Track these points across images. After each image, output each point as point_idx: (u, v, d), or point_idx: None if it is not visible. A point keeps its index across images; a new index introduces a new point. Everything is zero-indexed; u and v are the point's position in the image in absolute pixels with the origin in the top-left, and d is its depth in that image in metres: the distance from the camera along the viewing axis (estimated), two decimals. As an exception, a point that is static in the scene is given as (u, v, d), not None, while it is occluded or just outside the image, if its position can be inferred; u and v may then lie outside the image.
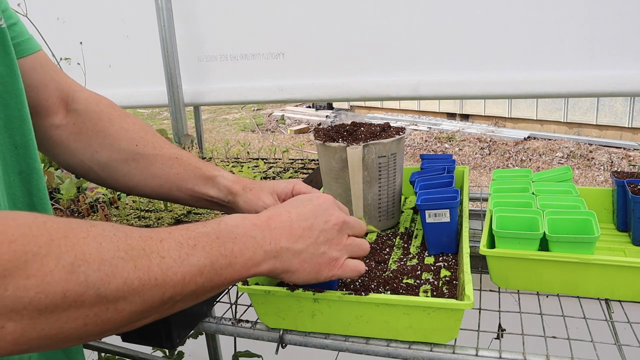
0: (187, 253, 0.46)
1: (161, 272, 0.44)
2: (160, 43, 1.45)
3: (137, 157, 0.75)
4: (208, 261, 0.48)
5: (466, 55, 1.28)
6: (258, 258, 0.53)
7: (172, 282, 0.45)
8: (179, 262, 0.45)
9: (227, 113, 10.51)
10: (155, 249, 0.44)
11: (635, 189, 0.89)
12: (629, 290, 0.75)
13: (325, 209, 0.60)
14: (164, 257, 0.45)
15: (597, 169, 5.88)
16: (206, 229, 0.50)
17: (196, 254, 0.47)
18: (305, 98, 1.49)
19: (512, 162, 6.35)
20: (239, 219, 0.54)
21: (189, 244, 0.47)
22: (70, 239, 0.39)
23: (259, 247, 0.53)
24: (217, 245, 0.49)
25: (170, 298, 0.45)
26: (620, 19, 1.12)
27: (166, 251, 0.45)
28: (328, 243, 0.59)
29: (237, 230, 0.52)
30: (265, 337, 0.75)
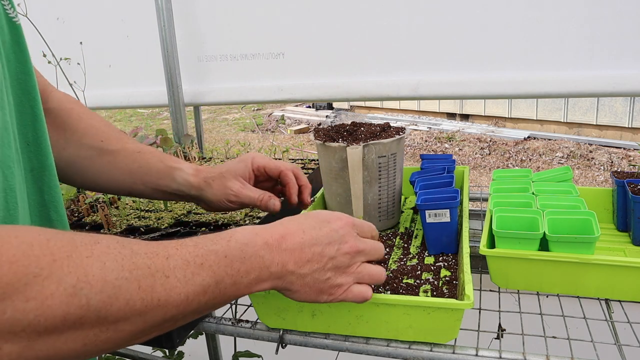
0: (193, 272, 0.45)
1: (165, 293, 0.43)
2: (160, 43, 1.45)
3: (102, 152, 0.77)
4: (213, 281, 0.47)
5: (466, 55, 1.28)
6: (263, 278, 0.52)
7: (175, 302, 0.44)
8: (184, 281, 0.44)
9: (227, 113, 10.51)
10: (161, 268, 0.43)
11: (635, 189, 0.89)
12: (629, 290, 0.75)
13: (342, 236, 0.58)
14: (169, 276, 0.44)
15: (597, 169, 5.88)
16: (216, 246, 0.49)
17: (202, 274, 0.46)
18: (305, 98, 1.49)
19: (512, 162, 6.35)
20: (251, 235, 0.53)
21: (195, 262, 0.46)
22: (74, 259, 0.38)
23: (265, 268, 0.52)
24: (225, 265, 0.48)
25: (172, 317, 0.45)
26: (620, 19, 1.12)
27: (171, 270, 0.44)
28: (335, 270, 0.57)
29: (246, 249, 0.51)
30: (265, 337, 0.75)
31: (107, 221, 0.96)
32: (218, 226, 0.95)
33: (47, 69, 1.55)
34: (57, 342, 0.37)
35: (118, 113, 10.36)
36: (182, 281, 0.44)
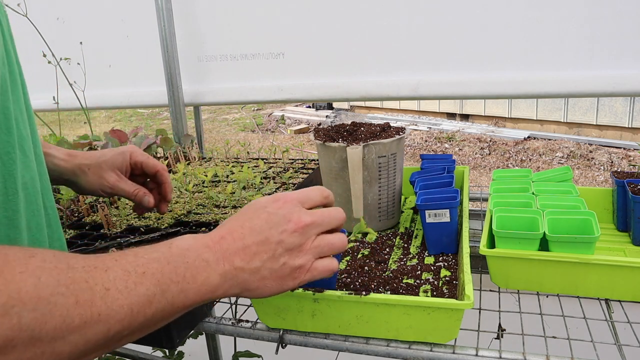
0: (135, 282, 0.43)
1: (106, 306, 0.40)
2: (160, 43, 1.45)
3: None
4: (158, 290, 0.44)
5: (466, 55, 1.28)
6: (213, 283, 0.49)
7: (118, 316, 0.41)
8: (126, 293, 0.42)
9: (227, 113, 10.51)
10: (100, 280, 0.41)
11: (635, 189, 0.89)
12: (629, 290, 0.75)
13: (283, 216, 0.54)
14: (109, 288, 0.41)
15: (597, 169, 5.88)
16: (156, 254, 0.47)
17: (145, 283, 0.43)
18: (305, 98, 1.49)
19: (512, 162, 6.34)
20: (191, 240, 0.51)
21: (137, 272, 0.43)
22: (5, 275, 0.36)
23: (212, 271, 0.49)
24: (169, 272, 0.46)
25: (117, 333, 0.42)
26: (620, 19, 1.12)
27: (111, 282, 0.41)
28: (288, 253, 0.53)
29: (188, 254, 0.48)
30: (265, 337, 0.75)
31: (107, 221, 0.96)
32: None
33: (47, 69, 1.55)
34: None
35: (118, 113, 10.36)
36: (124, 292, 0.42)
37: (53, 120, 2.17)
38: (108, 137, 1.45)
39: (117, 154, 0.82)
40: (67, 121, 8.66)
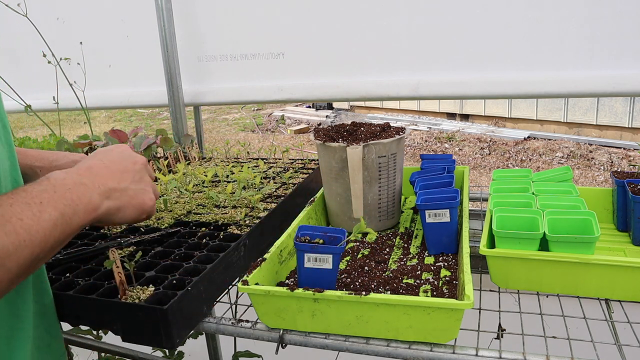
0: (39, 210, 0.50)
1: (27, 234, 0.48)
2: (160, 43, 1.45)
3: None
4: (58, 213, 0.52)
5: (466, 55, 1.28)
6: (95, 202, 0.59)
7: (36, 240, 0.49)
8: (35, 220, 0.49)
9: (227, 113, 10.51)
10: (13, 214, 0.47)
11: (635, 189, 0.89)
12: (629, 290, 0.75)
13: (129, 154, 0.69)
14: (22, 219, 0.48)
15: (597, 169, 5.88)
16: (41, 187, 0.53)
17: (47, 210, 0.51)
18: (305, 98, 1.49)
19: (512, 162, 6.34)
20: (63, 173, 0.58)
21: (35, 202, 0.50)
22: None
23: (93, 192, 0.59)
24: (59, 197, 0.54)
25: (37, 255, 0.49)
26: (620, 19, 1.12)
27: (21, 213, 0.48)
28: (142, 181, 0.68)
29: (67, 182, 0.56)
30: (265, 337, 0.75)
31: (107, 221, 0.96)
32: (218, 226, 0.95)
33: (47, 69, 1.55)
34: None
35: (118, 113, 10.36)
36: (34, 220, 0.49)
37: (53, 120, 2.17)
38: (108, 137, 1.45)
39: (70, 161, 0.83)
40: (67, 121, 8.65)
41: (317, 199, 1.06)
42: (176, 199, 1.13)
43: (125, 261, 0.72)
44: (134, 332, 0.71)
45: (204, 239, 0.88)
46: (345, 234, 0.73)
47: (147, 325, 0.68)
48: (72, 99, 1.57)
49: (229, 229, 0.92)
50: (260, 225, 0.94)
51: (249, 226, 0.92)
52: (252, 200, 1.03)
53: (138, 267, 0.78)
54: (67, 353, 0.74)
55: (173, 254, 0.83)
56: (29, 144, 1.44)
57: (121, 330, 0.71)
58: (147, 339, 0.70)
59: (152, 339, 0.70)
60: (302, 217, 0.96)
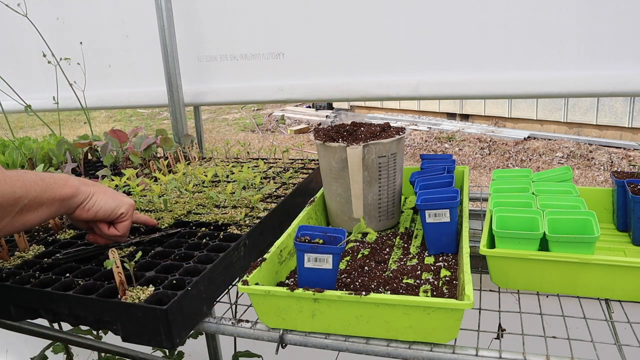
0: (24, 172, 0.71)
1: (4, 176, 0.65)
2: (160, 43, 1.45)
3: None
4: (39, 178, 0.71)
5: (466, 55, 1.28)
6: (72, 181, 0.77)
7: (17, 183, 0.67)
8: (20, 174, 0.69)
9: (227, 113, 10.51)
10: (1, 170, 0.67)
11: (635, 189, 0.89)
12: (629, 290, 0.75)
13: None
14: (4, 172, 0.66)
15: (597, 169, 5.88)
16: (31, 173, 0.73)
17: (30, 174, 0.71)
18: (305, 98, 1.49)
19: (512, 162, 6.34)
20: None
21: (21, 171, 0.71)
22: None
23: (71, 178, 0.78)
24: (41, 175, 0.73)
25: (20, 197, 0.67)
26: (620, 19, 1.12)
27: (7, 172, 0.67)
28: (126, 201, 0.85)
29: (50, 174, 0.75)
30: (265, 337, 0.75)
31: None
32: (218, 226, 0.95)
33: (47, 69, 1.55)
34: None
35: (118, 113, 10.35)
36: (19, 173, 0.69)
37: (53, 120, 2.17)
38: (108, 137, 1.45)
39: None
40: (67, 121, 8.65)
41: (317, 199, 1.06)
42: (176, 199, 1.13)
43: (125, 261, 0.72)
44: (134, 332, 0.71)
45: (204, 239, 0.88)
46: (345, 234, 0.73)
47: (147, 325, 0.68)
48: (72, 99, 1.57)
49: (229, 229, 0.92)
50: (260, 225, 0.94)
51: (249, 226, 0.92)
52: (252, 200, 1.03)
53: (138, 267, 0.78)
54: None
55: (173, 254, 0.83)
56: (29, 144, 1.44)
57: (121, 330, 0.71)
58: (147, 339, 0.70)
59: (152, 339, 0.70)
60: (302, 217, 0.96)
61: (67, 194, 0.75)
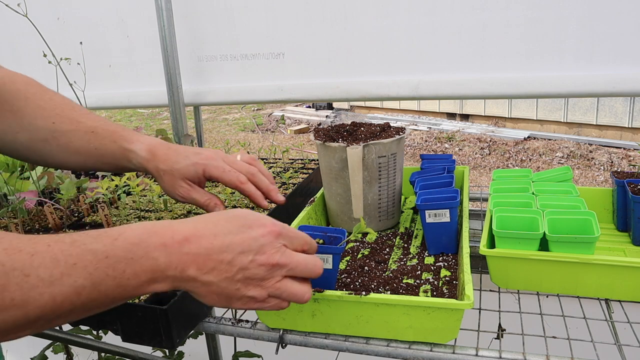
0: (62, 272, 0.41)
1: (21, 292, 0.39)
2: (160, 43, 1.45)
3: (56, 134, 0.74)
4: (88, 282, 0.43)
5: (466, 55, 1.28)
6: (158, 280, 0.47)
7: (37, 303, 0.40)
8: (49, 282, 0.41)
9: (227, 113, 10.51)
10: (20, 265, 0.40)
11: (635, 189, 0.89)
12: (629, 290, 0.75)
13: (261, 245, 0.52)
14: (29, 275, 0.40)
15: (597, 169, 5.88)
16: (96, 245, 0.44)
17: (73, 275, 0.42)
18: (305, 98, 1.49)
19: (512, 162, 6.34)
20: (145, 234, 0.48)
21: (67, 262, 0.42)
22: None
23: (159, 272, 0.47)
24: (105, 267, 0.44)
25: (39, 318, 0.41)
26: (620, 19, 1.12)
27: (34, 268, 0.40)
28: (246, 281, 0.51)
29: (136, 250, 0.46)
30: (265, 337, 0.75)
31: (107, 221, 0.96)
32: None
33: (47, 69, 1.55)
34: None
35: (118, 113, 10.36)
36: (47, 281, 0.41)
37: (53, 120, 2.17)
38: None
39: (190, 164, 0.76)
40: (67, 121, 8.64)
41: (317, 199, 1.06)
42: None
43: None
44: (134, 332, 0.71)
45: (204, 239, 0.88)
46: (345, 234, 0.73)
47: (147, 325, 0.68)
48: (72, 98, 1.57)
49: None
50: (260, 225, 0.93)
51: (249, 226, 0.92)
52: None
53: (138, 267, 0.78)
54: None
55: (173, 254, 0.83)
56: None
57: (121, 330, 0.71)
58: (147, 339, 0.70)
59: (152, 339, 0.70)
60: (302, 217, 0.96)
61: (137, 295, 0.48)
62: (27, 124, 0.74)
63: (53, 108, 0.75)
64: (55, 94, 0.78)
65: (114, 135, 0.76)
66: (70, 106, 0.77)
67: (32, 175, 1.14)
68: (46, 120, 0.74)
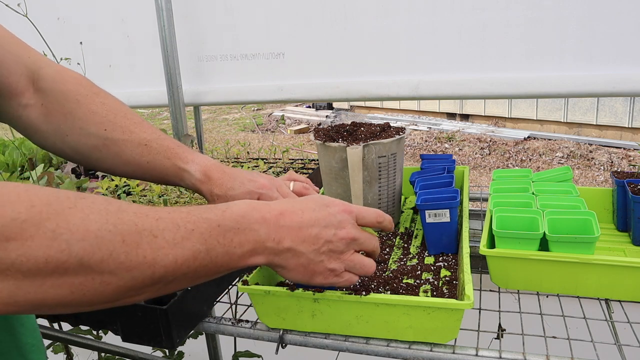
0: (183, 236, 0.46)
1: (151, 251, 0.43)
2: (160, 43, 1.45)
3: (107, 142, 0.73)
4: (204, 247, 0.47)
5: (466, 55, 1.28)
6: (258, 252, 0.53)
7: (163, 262, 0.44)
8: (172, 243, 0.45)
9: (227, 113, 10.51)
10: (149, 227, 0.44)
11: (635, 189, 0.89)
12: (629, 290, 0.75)
13: (339, 221, 0.58)
14: (157, 236, 0.44)
15: (597, 169, 5.88)
16: (209, 214, 0.49)
17: (192, 239, 0.46)
18: (305, 98, 1.49)
19: (512, 162, 6.34)
20: (248, 208, 0.53)
21: (186, 228, 0.46)
22: (54, 207, 0.39)
23: (260, 243, 0.53)
24: (217, 234, 0.49)
25: (161, 277, 0.44)
26: (620, 19, 1.12)
27: (160, 231, 0.44)
28: (329, 254, 0.58)
29: (242, 221, 0.51)
30: (265, 337, 0.75)
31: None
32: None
33: (47, 69, 1.55)
34: (44, 286, 0.38)
35: (118, 113, 10.33)
36: (171, 243, 0.45)
37: (53, 120, 2.16)
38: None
39: (245, 192, 0.76)
40: (67, 121, 8.64)
41: (317, 199, 1.06)
42: (176, 198, 1.13)
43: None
44: (134, 332, 0.71)
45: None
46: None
47: (147, 325, 0.68)
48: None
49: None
50: (260, 225, 0.93)
51: (249, 226, 0.92)
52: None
53: (138, 267, 0.78)
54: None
55: (173, 254, 0.83)
56: (29, 144, 1.44)
57: (121, 330, 0.71)
58: (147, 339, 0.70)
59: (152, 339, 0.70)
60: (302, 217, 0.95)
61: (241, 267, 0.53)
62: (79, 128, 0.72)
63: (105, 114, 0.73)
64: (106, 96, 0.75)
65: (168, 152, 0.75)
66: (123, 112, 0.75)
67: (32, 175, 1.14)
68: (98, 126, 0.72)
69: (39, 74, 0.71)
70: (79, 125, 0.72)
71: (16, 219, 0.37)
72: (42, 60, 0.73)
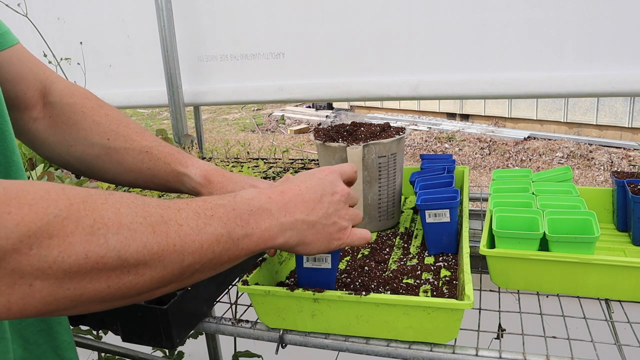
0: (205, 222, 0.48)
1: (179, 239, 0.45)
2: (160, 43, 1.45)
3: (110, 151, 0.75)
4: (225, 231, 0.49)
5: (466, 55, 1.28)
6: (274, 230, 0.55)
7: (190, 249, 0.46)
8: (197, 230, 0.47)
9: (227, 113, 10.51)
10: (173, 217, 0.46)
11: (635, 189, 0.89)
12: (629, 290, 0.75)
13: (331, 182, 0.62)
14: (182, 225, 0.46)
15: (597, 169, 5.88)
16: (223, 201, 0.52)
17: (213, 224, 0.48)
18: (305, 98, 1.49)
19: (512, 162, 6.34)
20: (254, 192, 0.56)
21: (206, 214, 0.49)
22: (89, 204, 0.40)
23: (274, 220, 0.55)
24: (234, 217, 0.51)
25: (190, 265, 0.46)
26: (620, 19, 1.12)
27: (184, 220, 0.46)
28: (337, 214, 0.61)
29: (252, 202, 0.54)
30: (265, 337, 0.75)
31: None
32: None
33: (47, 69, 1.55)
34: (83, 281, 0.39)
35: (118, 113, 10.34)
36: (195, 229, 0.47)
37: (53, 120, 2.17)
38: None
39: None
40: (67, 121, 8.65)
41: (317, 199, 1.06)
42: (176, 198, 1.13)
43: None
44: (134, 332, 0.71)
45: (204, 239, 0.88)
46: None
47: (147, 325, 0.68)
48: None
49: None
50: (260, 225, 0.93)
51: (249, 226, 0.92)
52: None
53: (138, 267, 0.78)
54: None
55: (173, 254, 0.83)
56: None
57: (121, 330, 0.71)
58: (147, 339, 0.70)
59: (152, 339, 0.70)
60: (302, 217, 0.96)
61: (261, 248, 0.54)
62: (83, 139, 0.74)
63: (108, 124, 0.76)
64: (111, 109, 0.78)
65: (168, 157, 0.77)
66: (125, 123, 0.77)
67: (32, 175, 1.14)
68: (101, 136, 0.75)
69: (50, 88, 0.74)
70: (83, 135, 0.74)
71: (58, 216, 0.38)
72: (54, 75, 0.76)
